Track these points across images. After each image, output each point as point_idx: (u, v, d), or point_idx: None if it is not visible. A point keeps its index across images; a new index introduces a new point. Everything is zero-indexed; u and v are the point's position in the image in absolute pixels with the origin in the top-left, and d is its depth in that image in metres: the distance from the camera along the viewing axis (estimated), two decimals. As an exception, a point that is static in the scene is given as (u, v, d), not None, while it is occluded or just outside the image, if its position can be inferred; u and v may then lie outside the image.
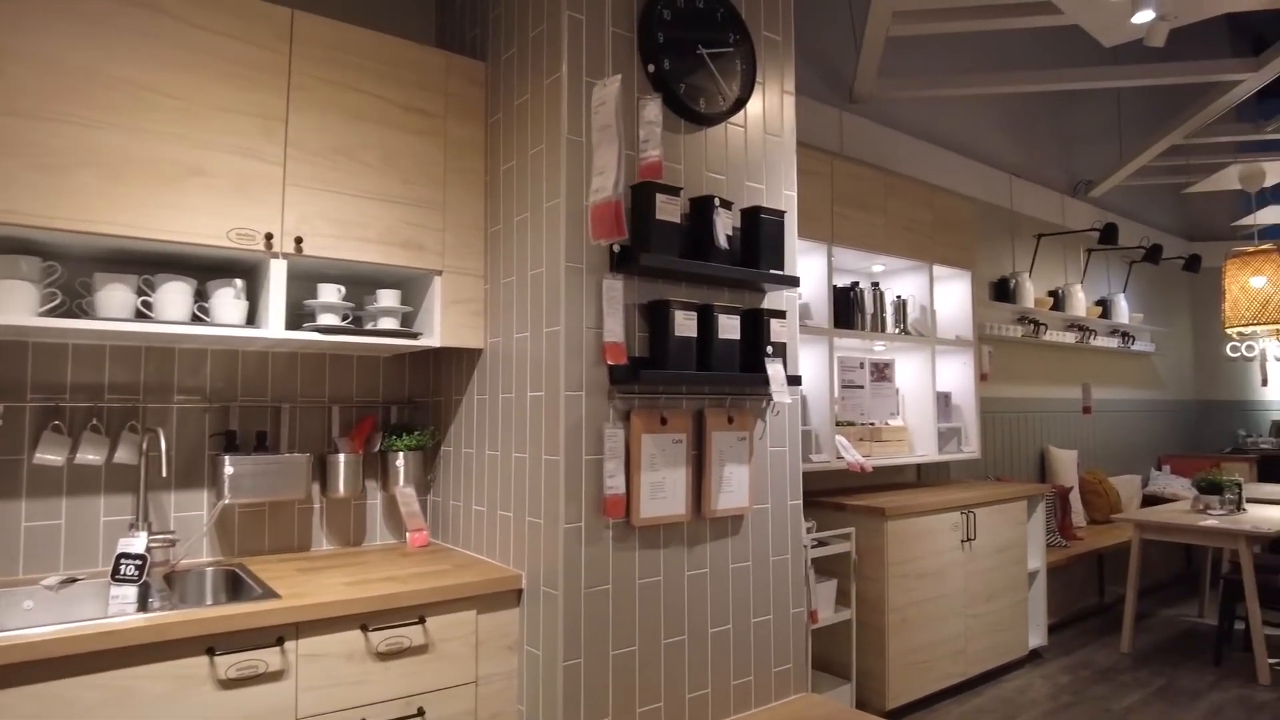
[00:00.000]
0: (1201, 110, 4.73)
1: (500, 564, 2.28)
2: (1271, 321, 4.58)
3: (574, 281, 2.08)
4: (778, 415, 2.46)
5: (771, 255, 2.36)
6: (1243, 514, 4.55)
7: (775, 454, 2.47)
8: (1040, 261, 5.78)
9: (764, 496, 2.43)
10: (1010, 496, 4.12)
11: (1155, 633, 4.88)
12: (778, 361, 2.31)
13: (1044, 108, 6.03)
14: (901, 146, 4.81)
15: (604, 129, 1.94)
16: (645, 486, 2.13)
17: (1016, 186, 5.60)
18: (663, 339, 2.14)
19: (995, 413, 5.27)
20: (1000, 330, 5.14)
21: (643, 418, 2.14)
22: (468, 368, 2.52)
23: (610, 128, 1.91)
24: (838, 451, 3.77)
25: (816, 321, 3.82)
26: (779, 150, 2.57)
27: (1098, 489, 5.70)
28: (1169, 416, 7.21)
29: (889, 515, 3.47)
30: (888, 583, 3.46)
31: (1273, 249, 4.67)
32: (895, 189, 4.14)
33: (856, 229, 3.93)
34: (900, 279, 4.44)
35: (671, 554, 2.21)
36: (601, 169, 1.90)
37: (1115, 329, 6.28)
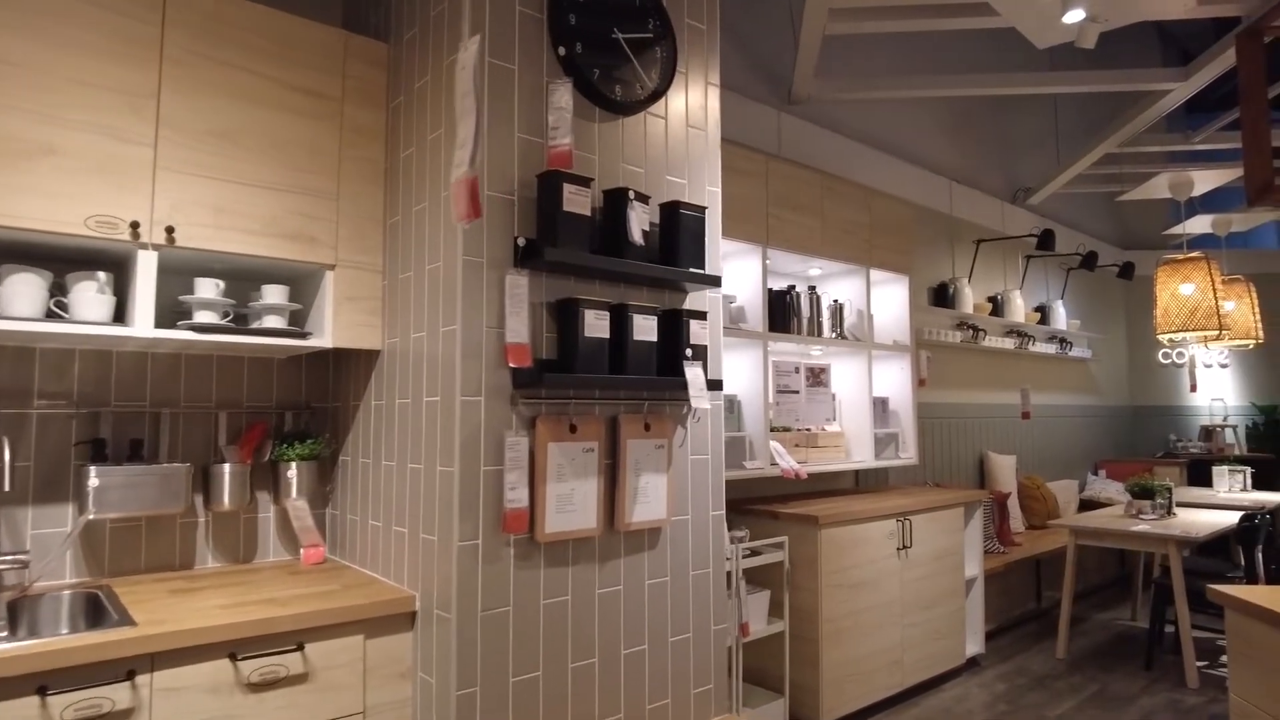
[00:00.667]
0: (1133, 119, 4.74)
1: (395, 584, 2.09)
2: (1200, 328, 4.60)
3: (473, 277, 1.90)
4: (699, 421, 2.32)
5: (692, 253, 2.21)
6: (1173, 518, 4.55)
7: (697, 462, 2.32)
8: (980, 267, 5.76)
9: (684, 507, 2.28)
10: (947, 503, 4.04)
11: (1090, 637, 4.86)
12: (697, 365, 2.16)
13: (985, 115, 6.02)
14: (842, 149, 4.73)
15: (464, 96, 1.77)
16: (551, 499, 1.96)
17: (957, 192, 5.57)
18: (572, 340, 1.97)
19: (934, 418, 5.22)
20: (939, 335, 5.09)
21: (549, 425, 1.97)
22: (365, 371, 2.33)
23: (470, 95, 1.74)
24: (772, 458, 3.65)
25: (751, 325, 3.69)
26: (703, 144, 2.43)
27: (1036, 494, 5.69)
28: (1105, 422, 7.28)
29: (822, 523, 3.35)
30: (822, 593, 3.34)
31: (1201, 257, 4.70)
32: (832, 191, 4.04)
33: (793, 231, 3.82)
34: (837, 283, 4.35)
35: (581, 571, 2.05)
36: (462, 142, 1.73)
37: (1053, 335, 6.30)
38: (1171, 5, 3.00)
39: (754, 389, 3.65)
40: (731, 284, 3.81)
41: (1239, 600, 1.98)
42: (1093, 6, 2.83)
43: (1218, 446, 7.15)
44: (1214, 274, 4.66)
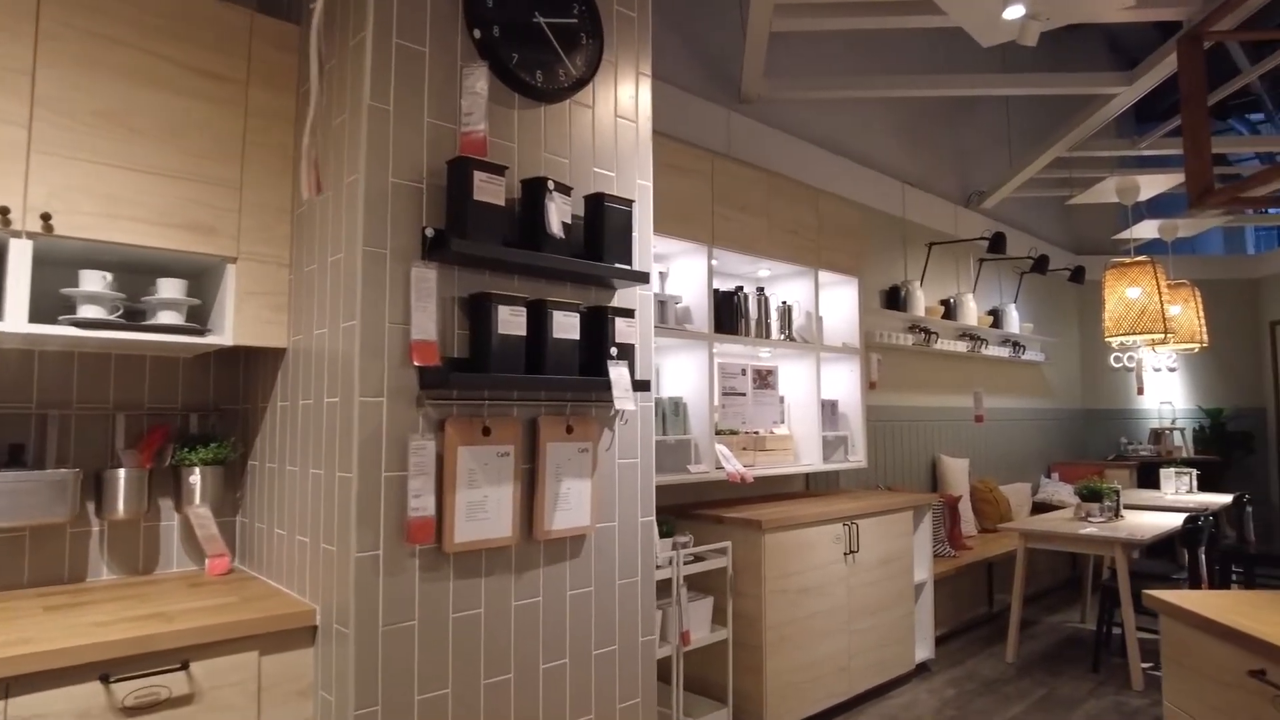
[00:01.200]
0: (1082, 123, 4.73)
1: (299, 597, 1.95)
2: (1146, 331, 4.60)
3: (375, 269, 1.78)
4: (627, 424, 2.21)
5: (618, 248, 2.11)
6: (1120, 521, 4.53)
7: (625, 466, 2.21)
8: (932, 270, 5.73)
9: (610, 514, 2.17)
10: (895, 507, 3.98)
11: (1040, 640, 4.83)
12: (623, 365, 2.06)
13: (938, 119, 6.01)
14: (794, 151, 4.67)
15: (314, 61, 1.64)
16: (461, 506, 1.84)
17: (909, 195, 5.54)
18: (484, 338, 1.85)
19: (886, 421, 5.17)
20: (891, 338, 5.04)
21: (460, 427, 1.85)
22: (272, 370, 2.19)
23: (313, 62, 1.62)
24: (718, 461, 3.55)
25: (697, 326, 3.60)
26: (633, 136, 2.32)
27: (989, 497, 5.67)
28: (1058, 425, 7.30)
29: (766, 528, 3.26)
30: (766, 599, 3.25)
31: (1147, 261, 4.70)
32: (779, 191, 3.97)
33: (739, 231, 3.73)
34: (786, 284, 4.27)
35: (496, 582, 1.92)
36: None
37: (1006, 338, 6.29)
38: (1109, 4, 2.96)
39: (699, 391, 3.55)
40: (677, 284, 3.71)
41: (1172, 606, 1.92)
42: (1033, 4, 2.78)
43: (1166, 449, 7.21)
44: (1159, 278, 4.67)
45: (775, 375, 3.95)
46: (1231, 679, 1.72)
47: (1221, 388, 7.70)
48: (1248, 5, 3.71)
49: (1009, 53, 6.80)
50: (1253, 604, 1.90)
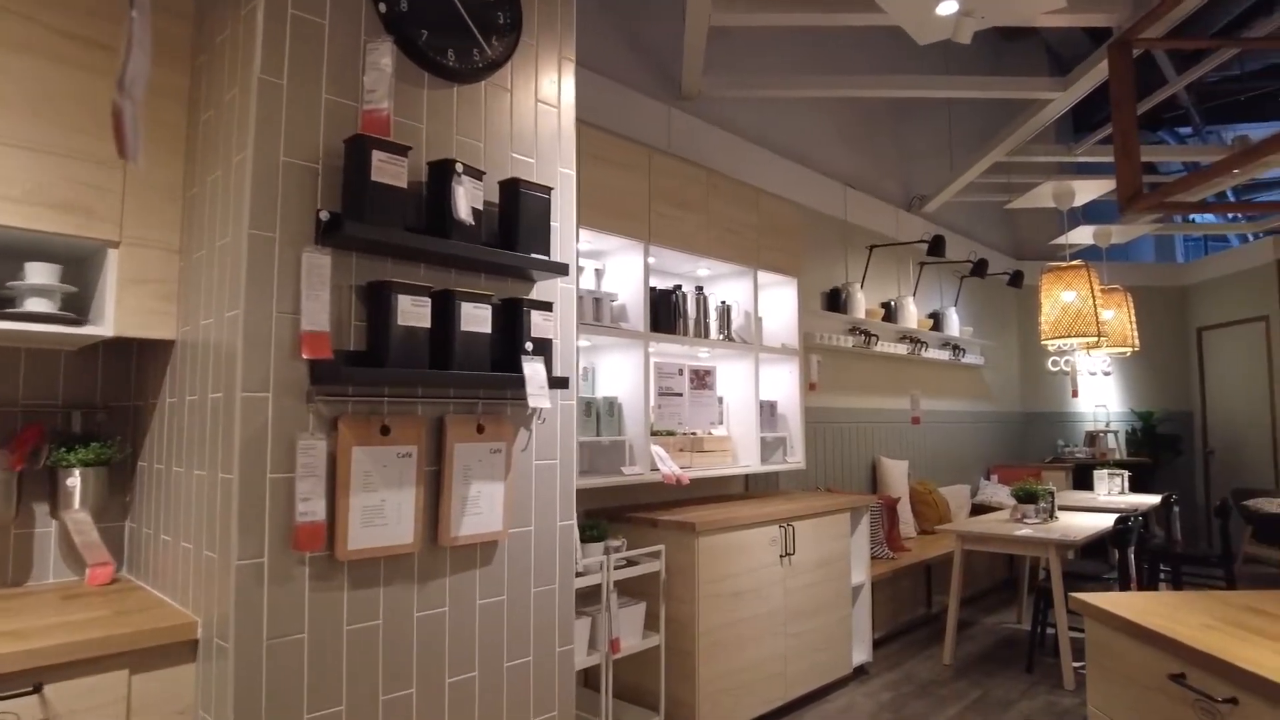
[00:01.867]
0: (1020, 128, 4.77)
1: (181, 608, 1.79)
2: (1081, 334, 4.64)
3: (262, 254, 1.63)
4: (545, 423, 2.09)
5: (534, 237, 1.99)
6: (1055, 522, 4.56)
7: (543, 468, 2.10)
8: (873, 273, 5.73)
9: (525, 518, 2.05)
10: (833, 509, 3.93)
11: (977, 641, 4.84)
12: (538, 360, 1.94)
13: (881, 123, 6.01)
14: (735, 149, 4.60)
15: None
16: (356, 511, 1.70)
17: (851, 197, 5.52)
18: (383, 329, 1.72)
19: (826, 423, 5.13)
20: (832, 340, 5.01)
21: (355, 426, 1.71)
22: (163, 364, 2.02)
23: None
24: (653, 463, 3.45)
25: (633, 324, 3.50)
26: (555, 122, 2.21)
27: (927, 499, 5.67)
28: (997, 427, 7.38)
29: (701, 530, 3.17)
30: (699, 603, 3.16)
31: (1081, 265, 4.75)
32: (718, 189, 3.89)
33: (677, 228, 3.65)
34: (726, 284, 4.20)
35: (396, 592, 1.79)
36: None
37: (946, 341, 6.33)
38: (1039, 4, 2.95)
39: (635, 391, 3.45)
40: (613, 281, 3.61)
41: (1095, 608, 1.87)
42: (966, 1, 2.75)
43: (1100, 451, 7.33)
44: (1093, 281, 4.71)
45: (713, 376, 3.87)
46: (1153, 682, 1.67)
47: (1152, 392, 7.87)
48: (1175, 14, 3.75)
49: (950, 58, 6.86)
50: (1174, 606, 1.86)
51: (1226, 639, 1.59)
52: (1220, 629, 1.67)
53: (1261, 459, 7.13)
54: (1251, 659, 1.45)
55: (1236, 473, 7.39)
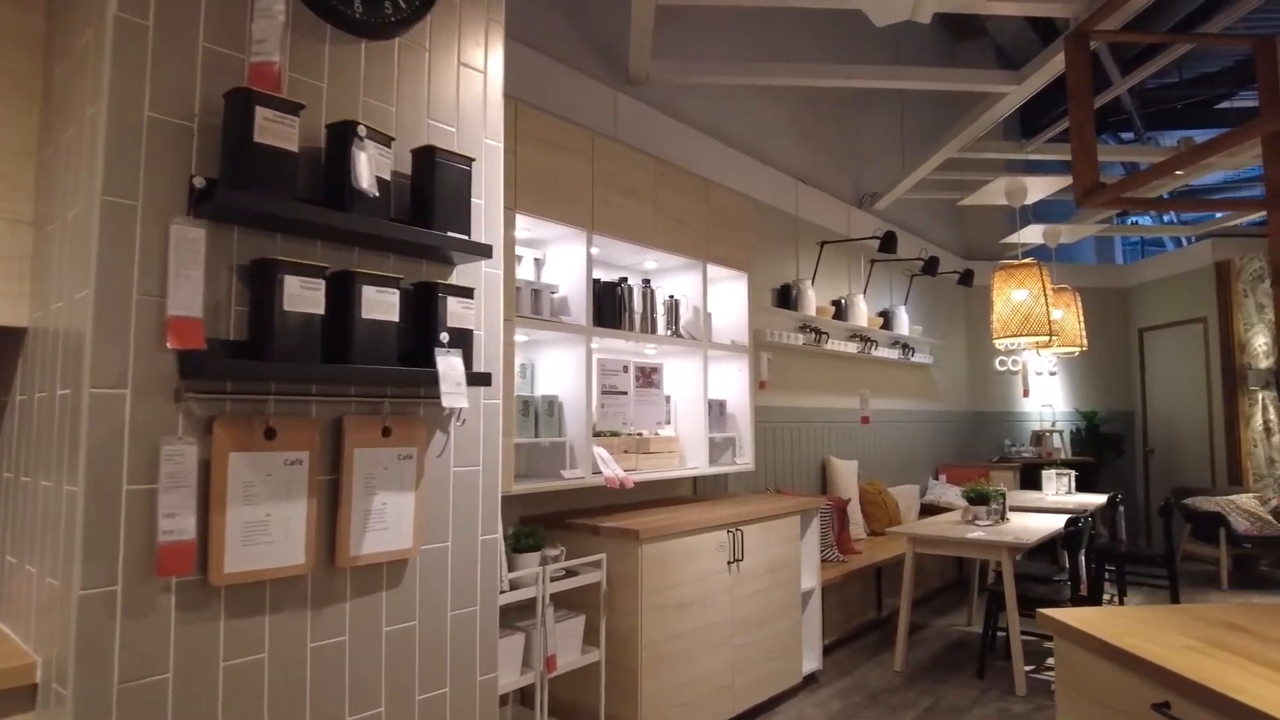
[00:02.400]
0: (973, 123, 4.67)
1: (23, 644, 1.51)
2: (1033, 333, 4.57)
3: (118, 225, 1.37)
4: (465, 424, 1.86)
5: (452, 214, 1.75)
6: (1006, 524, 4.47)
7: (463, 476, 1.86)
8: (824, 270, 5.59)
9: (441, 532, 1.81)
10: (782, 511, 3.76)
11: (928, 646, 4.73)
12: (455, 354, 1.71)
13: (833, 118, 5.89)
14: (685, 139, 4.41)
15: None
16: (235, 528, 1.45)
17: (803, 193, 5.37)
18: (268, 316, 1.47)
19: (777, 422, 4.98)
20: (782, 338, 4.85)
21: (233, 429, 1.46)
22: (13, 355, 1.73)
23: None
24: (596, 465, 3.24)
25: (574, 318, 3.28)
26: (479, 89, 1.98)
27: (877, 500, 5.56)
28: (946, 427, 7.34)
29: (644, 538, 2.96)
30: (642, 615, 2.95)
31: (1034, 263, 4.68)
32: (666, 178, 3.69)
33: (622, 217, 3.43)
34: (674, 278, 4.00)
35: (285, 620, 1.54)
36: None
37: (896, 340, 6.24)
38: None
39: (576, 389, 3.23)
40: (554, 272, 3.38)
41: (1068, 628, 1.71)
42: (927, -22, 2.60)
43: (1046, 451, 7.34)
44: (1045, 280, 4.64)
45: (660, 373, 3.67)
46: (1133, 710, 1.52)
47: (1096, 392, 7.93)
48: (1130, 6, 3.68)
49: (903, 54, 6.78)
50: (1148, 623, 1.72)
51: (1212, 663, 1.44)
52: (1203, 650, 1.52)
53: (1198, 458, 7.21)
54: (1244, 689, 1.30)
55: (1175, 471, 7.48)
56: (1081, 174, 3.39)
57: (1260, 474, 6.59)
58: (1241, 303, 6.75)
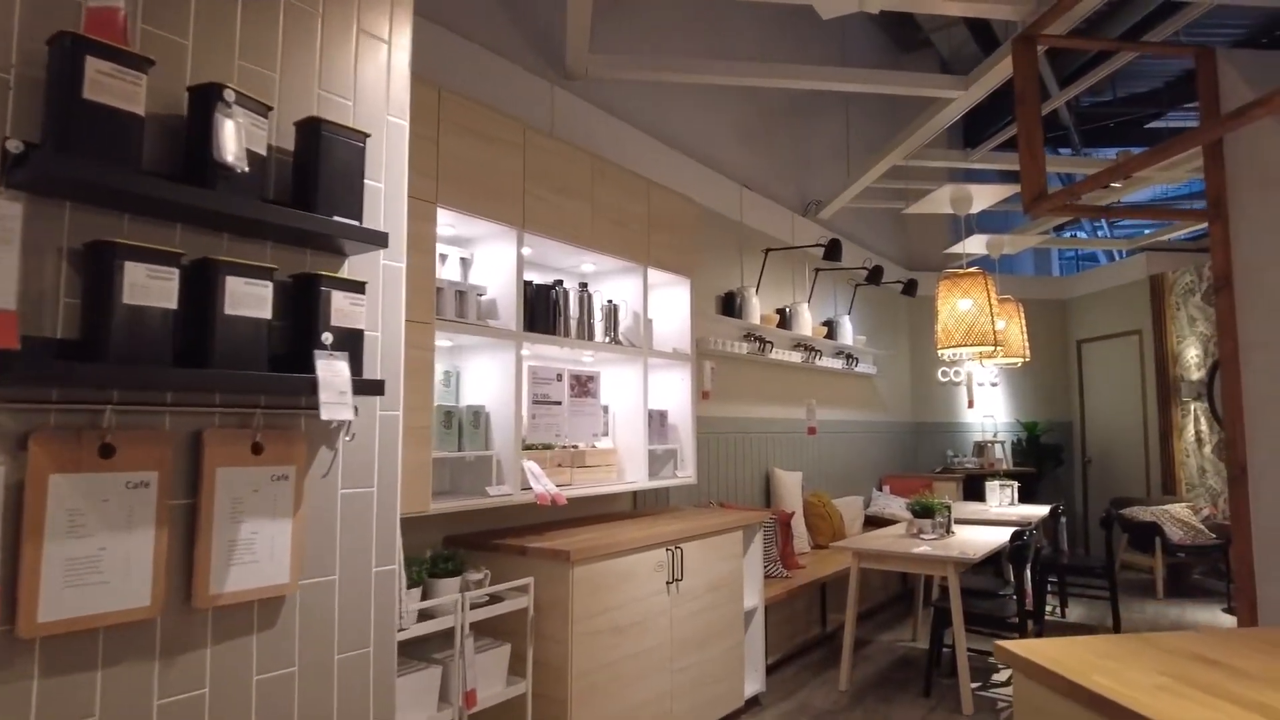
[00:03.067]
0: (919, 129, 4.59)
1: None
2: (978, 343, 4.49)
3: (-101, 195, 1.11)
4: (354, 439, 1.62)
5: (340, 195, 1.52)
6: (952, 537, 4.37)
7: (353, 498, 1.62)
8: (769, 278, 5.46)
9: (327, 564, 1.56)
10: (724, 527, 3.57)
11: (874, 662, 4.59)
12: (339, 358, 1.47)
13: (779, 125, 5.78)
14: (626, 139, 4.22)
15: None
16: (54, 565, 1.19)
17: (747, 199, 5.23)
18: (104, 309, 1.22)
19: (720, 433, 4.80)
20: (726, 346, 4.69)
21: (56, 445, 1.20)
22: None
23: None
24: (525, 481, 3.01)
25: (503, 322, 3.05)
26: (383, 59, 1.75)
27: (822, 512, 5.43)
28: (890, 437, 7.27)
29: (576, 559, 2.74)
30: (573, 642, 2.72)
31: (979, 272, 4.61)
32: (604, 176, 3.49)
33: (557, 215, 3.22)
34: (612, 282, 3.80)
35: (124, 675, 1.28)
36: None
37: (840, 350, 6.14)
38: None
39: (504, 399, 3.00)
40: (483, 273, 3.15)
41: (1028, 664, 1.55)
42: (875, -33, 2.46)
43: (989, 462, 7.34)
44: (990, 290, 4.57)
45: (597, 382, 3.46)
46: (1101, 759, 1.35)
47: (1037, 403, 7.98)
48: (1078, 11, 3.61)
49: (850, 59, 6.73)
50: (1112, 656, 1.56)
51: (1190, 706, 1.28)
52: (1177, 690, 1.36)
53: (1134, 468, 7.28)
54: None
55: (1112, 481, 7.55)
56: (1030, 179, 3.29)
57: (1192, 483, 6.66)
58: (1174, 315, 6.85)
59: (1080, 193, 3.20)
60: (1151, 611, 5.78)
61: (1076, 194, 3.23)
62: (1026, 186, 3.34)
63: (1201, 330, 6.55)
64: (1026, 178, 3.34)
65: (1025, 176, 3.35)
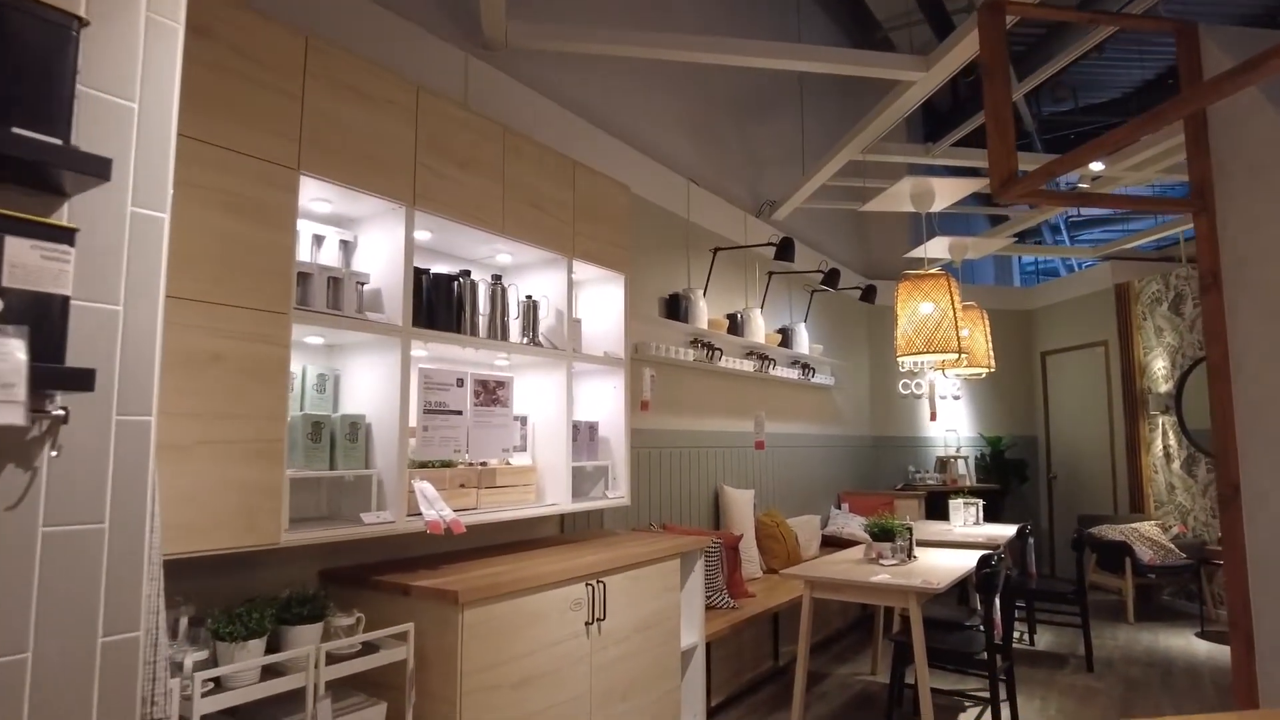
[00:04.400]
0: (878, 117, 4.21)
1: None
2: (940, 350, 4.11)
3: None
4: (60, 455, 1.12)
5: (24, 97, 1.04)
6: (914, 562, 3.95)
7: (66, 540, 1.12)
8: (719, 281, 5.03)
9: (14, 637, 1.07)
10: (659, 555, 3.10)
11: (829, 700, 4.14)
12: (15, 336, 0.98)
13: (731, 120, 5.38)
14: (556, 120, 3.77)
15: None
16: None
17: (695, 195, 4.81)
18: None
19: (663, 447, 4.34)
20: (671, 352, 4.24)
21: None
22: None
23: None
24: (414, 505, 2.51)
25: (388, 316, 2.56)
26: (148, -63, 1.27)
27: (775, 533, 4.99)
28: (848, 452, 6.87)
29: (465, 600, 2.25)
30: (462, 701, 2.23)
31: (941, 274, 4.23)
32: (520, 153, 3.04)
33: (458, 194, 2.75)
34: (533, 276, 3.33)
35: None
36: None
37: (796, 359, 5.73)
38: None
39: (389, 407, 2.51)
40: (368, 259, 2.66)
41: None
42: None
43: (952, 478, 6.97)
44: (954, 293, 4.19)
45: (509, 389, 2.98)
46: None
47: (1000, 416, 7.65)
48: (1048, -20, 3.25)
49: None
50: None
51: None
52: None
53: (1100, 484, 6.97)
54: None
55: (1078, 498, 7.23)
56: (998, 161, 2.89)
57: (1161, 500, 6.35)
58: (1141, 326, 6.56)
59: (1057, 173, 2.79)
60: (1124, 638, 5.41)
61: (1052, 174, 2.82)
62: (995, 169, 2.94)
63: (1169, 341, 6.26)
64: (995, 160, 2.93)
65: (993, 158, 2.94)
